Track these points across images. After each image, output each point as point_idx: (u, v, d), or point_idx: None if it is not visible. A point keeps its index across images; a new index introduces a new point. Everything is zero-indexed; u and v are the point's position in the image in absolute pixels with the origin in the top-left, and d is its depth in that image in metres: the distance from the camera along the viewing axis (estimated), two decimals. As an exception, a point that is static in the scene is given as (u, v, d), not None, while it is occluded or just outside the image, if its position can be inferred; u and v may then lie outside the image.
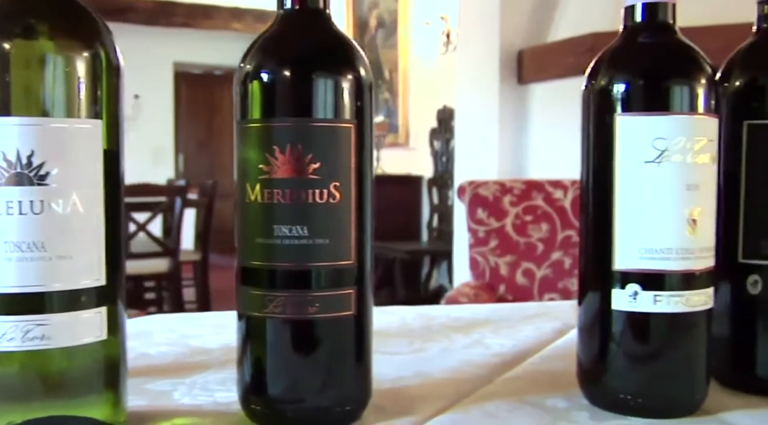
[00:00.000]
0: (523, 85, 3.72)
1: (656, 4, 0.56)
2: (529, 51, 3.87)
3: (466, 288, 2.50)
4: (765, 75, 0.61)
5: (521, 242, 2.56)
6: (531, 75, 3.70)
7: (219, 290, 4.25)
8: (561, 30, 3.69)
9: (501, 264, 2.57)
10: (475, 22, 3.89)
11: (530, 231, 2.55)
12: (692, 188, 0.54)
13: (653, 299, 0.54)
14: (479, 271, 2.58)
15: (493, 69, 3.66)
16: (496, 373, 0.66)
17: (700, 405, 0.56)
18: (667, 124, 0.53)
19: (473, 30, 3.89)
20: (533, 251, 2.53)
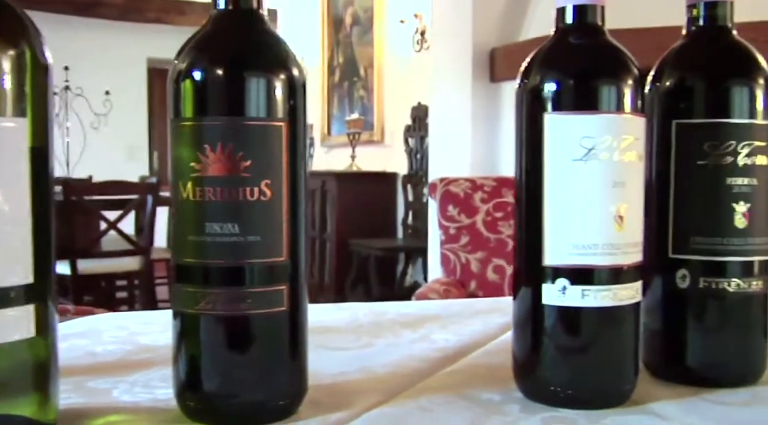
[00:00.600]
0: (495, 83, 3.74)
1: (585, 6, 0.57)
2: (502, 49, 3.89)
3: (436, 285, 2.51)
4: (693, 76, 0.63)
5: (492, 239, 2.58)
6: (503, 73, 3.72)
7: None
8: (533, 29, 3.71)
9: (472, 261, 2.59)
10: (447, 21, 3.90)
11: (501, 228, 2.57)
12: (619, 186, 0.55)
13: (581, 293, 0.55)
14: (450, 267, 2.60)
15: (466, 67, 3.68)
16: (437, 368, 0.67)
17: (629, 396, 0.58)
18: (594, 123, 0.54)
19: (446, 28, 3.90)
20: (504, 247, 2.55)
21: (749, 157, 0.61)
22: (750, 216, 0.61)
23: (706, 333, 0.63)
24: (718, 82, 0.62)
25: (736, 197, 0.61)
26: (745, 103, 0.62)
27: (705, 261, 0.61)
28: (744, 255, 0.61)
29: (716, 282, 0.61)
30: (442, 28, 3.96)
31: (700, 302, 0.62)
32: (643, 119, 0.57)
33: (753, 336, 0.63)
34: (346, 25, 5.95)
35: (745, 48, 0.63)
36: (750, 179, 0.61)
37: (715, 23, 0.64)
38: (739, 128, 0.61)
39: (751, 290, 0.62)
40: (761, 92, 0.62)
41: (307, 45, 6.50)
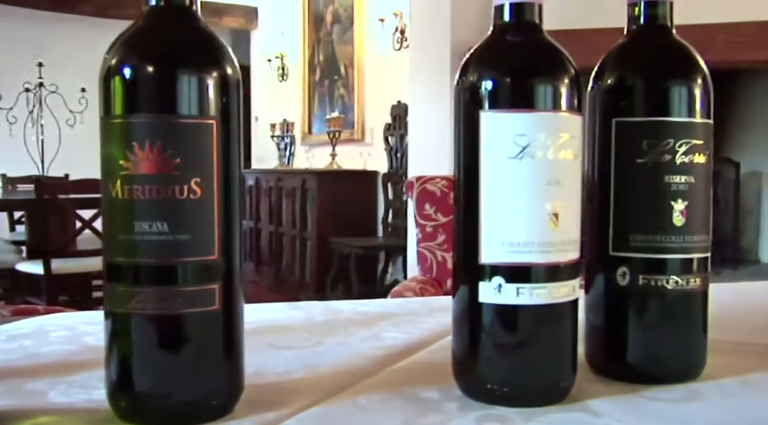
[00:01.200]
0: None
1: (523, 4, 0.57)
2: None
3: (412, 283, 2.51)
4: (633, 75, 0.63)
5: (468, 237, 2.57)
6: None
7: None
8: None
9: (448, 259, 2.59)
10: (426, 19, 3.90)
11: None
12: (553, 184, 0.55)
13: (516, 291, 0.55)
14: (427, 266, 2.60)
15: (444, 65, 3.68)
16: (381, 366, 0.67)
17: (566, 394, 0.58)
18: (528, 120, 0.54)
19: (425, 27, 3.90)
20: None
21: (687, 155, 0.61)
22: (687, 214, 0.61)
23: (645, 330, 0.63)
24: (657, 81, 0.62)
25: (674, 195, 0.61)
26: (684, 102, 0.62)
27: (644, 259, 0.62)
28: (682, 253, 0.61)
29: (655, 279, 0.61)
30: (420, 27, 3.96)
31: (640, 299, 0.62)
32: (580, 117, 0.57)
33: (692, 333, 0.64)
34: (326, 23, 5.94)
35: (684, 48, 0.63)
36: (688, 177, 0.61)
37: (655, 23, 0.64)
38: (677, 126, 0.61)
39: (690, 287, 0.62)
40: (699, 91, 0.62)
41: (288, 43, 6.48)
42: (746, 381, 0.64)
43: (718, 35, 3.13)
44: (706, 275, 0.63)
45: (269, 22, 6.89)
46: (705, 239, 0.63)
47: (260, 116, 7.08)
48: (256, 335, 0.79)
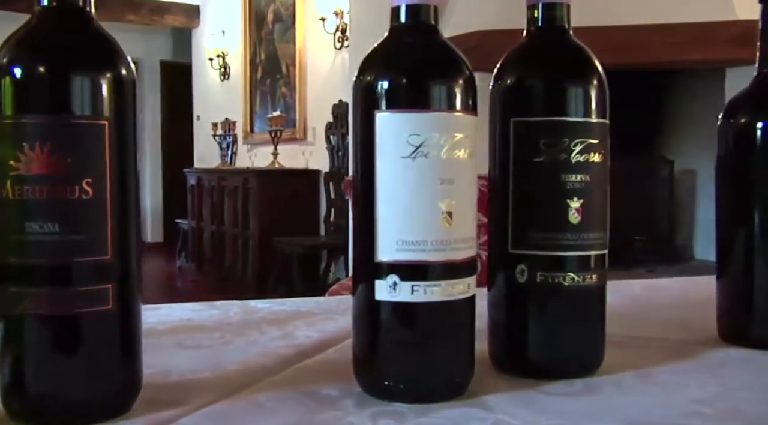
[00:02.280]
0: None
1: (419, 5, 0.58)
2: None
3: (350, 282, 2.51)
4: (530, 75, 0.65)
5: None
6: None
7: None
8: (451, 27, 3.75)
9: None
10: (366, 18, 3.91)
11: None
12: (447, 183, 0.56)
13: (411, 289, 0.56)
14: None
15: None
16: (287, 364, 0.68)
17: (463, 389, 0.59)
18: (422, 121, 0.55)
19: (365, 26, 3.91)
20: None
21: (582, 154, 0.63)
22: (583, 212, 0.63)
23: (544, 326, 0.65)
24: (553, 82, 0.64)
25: (569, 194, 0.63)
26: (580, 102, 0.64)
27: (542, 256, 0.63)
28: (578, 250, 0.63)
29: (552, 276, 0.63)
30: (361, 26, 3.97)
31: (538, 296, 0.64)
32: (474, 117, 0.58)
33: (590, 329, 0.66)
34: (268, 22, 5.91)
35: (581, 49, 0.65)
36: (583, 175, 0.63)
37: (553, 25, 0.66)
38: (573, 126, 0.63)
39: (587, 283, 0.64)
40: (595, 92, 0.64)
41: (230, 42, 6.42)
42: (643, 375, 0.66)
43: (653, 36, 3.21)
44: (603, 272, 0.65)
45: (211, 20, 6.82)
46: (601, 237, 0.65)
47: (202, 115, 7.00)
48: (167, 334, 0.79)
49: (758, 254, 0.73)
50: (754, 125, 0.73)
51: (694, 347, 0.74)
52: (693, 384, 0.63)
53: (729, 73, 3.23)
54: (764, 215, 0.72)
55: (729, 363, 0.69)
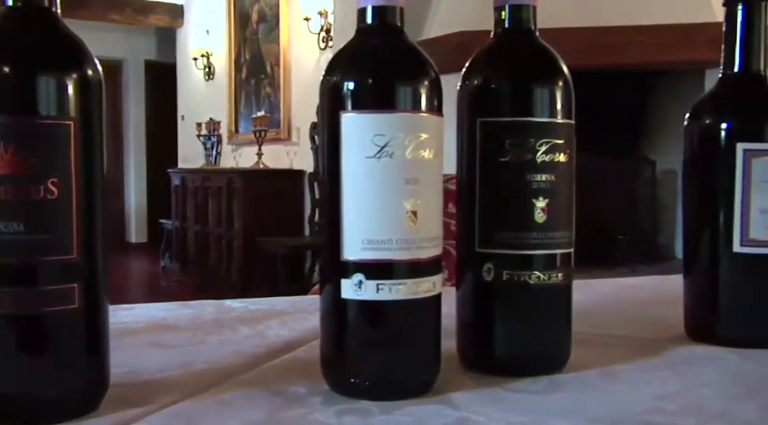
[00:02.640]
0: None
1: (385, 7, 0.59)
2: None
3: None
4: (496, 76, 0.65)
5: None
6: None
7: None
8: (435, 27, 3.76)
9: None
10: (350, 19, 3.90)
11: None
12: (411, 182, 0.57)
13: (376, 287, 0.57)
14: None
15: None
16: (257, 363, 0.68)
17: (429, 387, 0.60)
18: (386, 121, 0.56)
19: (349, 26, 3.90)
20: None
21: (547, 154, 0.63)
22: (549, 211, 0.64)
23: (510, 324, 0.65)
24: (519, 83, 0.65)
25: (535, 193, 0.63)
26: (545, 103, 0.64)
27: (508, 255, 0.64)
28: (544, 248, 0.64)
29: (518, 275, 0.64)
30: (345, 26, 3.97)
31: (504, 294, 0.64)
32: (440, 117, 0.59)
33: (555, 327, 0.67)
34: (252, 22, 5.90)
35: (547, 51, 0.66)
36: (549, 175, 0.64)
37: (519, 26, 0.66)
38: (538, 126, 0.64)
39: (552, 282, 0.65)
40: (561, 93, 0.65)
41: (214, 42, 6.41)
42: (608, 372, 0.66)
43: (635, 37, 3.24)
44: (568, 270, 0.66)
45: (195, 20, 6.80)
46: (567, 236, 0.65)
47: (186, 114, 6.98)
48: (140, 334, 0.79)
49: (722, 253, 0.74)
50: (718, 126, 0.74)
51: (661, 344, 0.75)
52: (656, 381, 0.64)
53: (708, 74, 3.27)
54: (728, 215, 0.73)
55: (693, 361, 0.70)
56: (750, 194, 0.72)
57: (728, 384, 0.63)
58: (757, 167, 0.72)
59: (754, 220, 0.73)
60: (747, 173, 0.72)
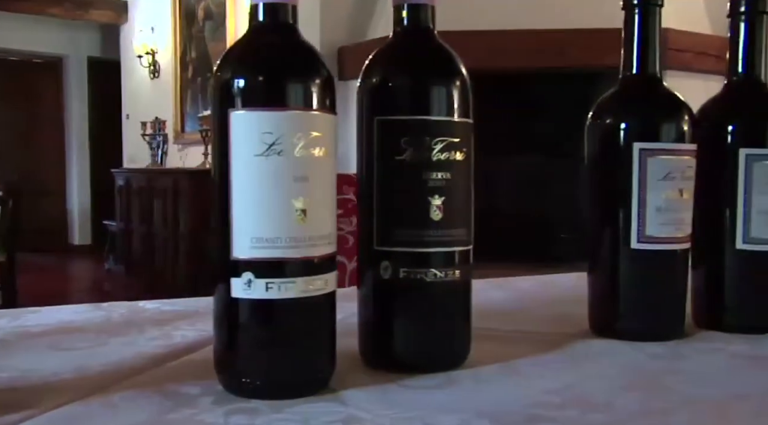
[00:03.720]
0: (344, 81, 3.77)
1: (277, 5, 0.59)
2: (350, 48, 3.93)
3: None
4: (394, 75, 0.66)
5: (331, 236, 2.59)
6: (352, 71, 3.76)
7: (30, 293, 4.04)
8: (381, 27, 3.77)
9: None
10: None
11: (341, 225, 2.59)
12: (301, 180, 0.57)
13: (266, 286, 0.56)
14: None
15: (315, 64, 3.68)
16: (156, 364, 0.67)
17: (322, 385, 0.60)
18: (274, 119, 0.56)
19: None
20: (345, 243, 2.56)
21: (444, 152, 0.64)
22: (445, 209, 0.64)
23: (408, 322, 0.66)
24: (416, 82, 0.65)
25: (431, 191, 0.64)
26: (443, 102, 0.65)
27: (405, 252, 0.64)
28: (440, 246, 0.64)
29: (415, 272, 0.64)
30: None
31: (402, 292, 0.65)
32: (332, 115, 0.59)
33: (454, 323, 0.67)
34: (198, 19, 5.83)
35: (445, 50, 0.67)
36: (445, 173, 0.64)
37: (418, 25, 0.67)
38: (435, 124, 0.64)
39: (449, 279, 0.65)
40: (458, 92, 0.65)
41: (160, 39, 6.32)
42: (506, 367, 0.67)
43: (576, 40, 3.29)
44: (467, 268, 0.67)
45: (139, 16, 6.69)
46: (465, 233, 0.66)
47: (131, 113, 6.87)
48: (41, 337, 0.78)
49: (621, 250, 0.76)
50: (617, 126, 0.76)
51: (563, 339, 0.77)
52: (550, 375, 0.65)
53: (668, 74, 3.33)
54: (626, 212, 0.75)
55: (590, 354, 0.72)
56: (646, 193, 0.74)
57: (617, 376, 0.65)
58: (653, 166, 0.74)
59: (650, 217, 0.74)
60: (643, 172, 0.74)
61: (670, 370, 0.67)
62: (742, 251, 0.80)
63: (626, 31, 0.78)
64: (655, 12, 0.77)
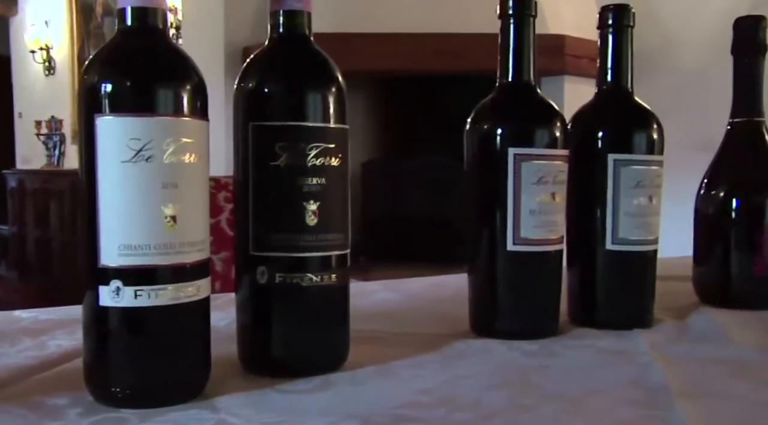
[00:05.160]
0: (247, 81, 3.72)
1: (146, 8, 0.58)
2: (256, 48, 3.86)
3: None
4: (269, 81, 0.66)
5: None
6: (256, 71, 3.70)
7: None
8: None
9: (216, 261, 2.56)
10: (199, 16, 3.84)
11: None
12: (170, 187, 0.56)
13: (134, 293, 0.56)
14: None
15: (218, 65, 3.63)
16: (25, 376, 0.65)
17: (195, 392, 0.59)
18: (142, 125, 0.55)
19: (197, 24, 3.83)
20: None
21: (319, 158, 0.65)
22: (320, 214, 0.65)
23: (285, 326, 0.66)
24: (291, 88, 0.66)
25: (306, 196, 0.64)
26: (318, 108, 0.66)
27: (281, 257, 0.65)
28: (316, 251, 0.65)
29: (291, 277, 0.65)
30: (193, 25, 3.89)
31: (279, 296, 0.65)
32: (204, 122, 0.59)
33: (331, 327, 0.68)
34: (96, 14, 5.65)
35: (320, 56, 0.67)
36: (320, 179, 0.65)
37: (294, 32, 0.67)
38: (310, 130, 0.65)
39: (326, 283, 0.66)
40: (333, 98, 0.66)
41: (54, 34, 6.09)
42: (383, 369, 0.68)
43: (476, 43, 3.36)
44: (344, 272, 0.68)
45: (31, 9, 6.42)
46: (341, 238, 0.67)
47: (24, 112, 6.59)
48: None
49: (498, 251, 0.78)
50: (493, 132, 0.78)
51: (443, 339, 0.78)
52: (424, 375, 0.66)
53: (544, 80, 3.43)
54: (503, 215, 0.77)
55: (467, 354, 0.74)
56: (520, 196, 0.77)
57: (489, 374, 0.67)
58: (527, 171, 0.77)
59: (524, 220, 0.77)
60: (518, 176, 0.77)
61: (540, 367, 0.70)
62: (611, 252, 0.84)
63: (502, 40, 0.80)
64: (530, 22, 0.80)
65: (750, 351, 0.76)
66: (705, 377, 0.68)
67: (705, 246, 1.02)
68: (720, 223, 1.00)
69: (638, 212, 0.83)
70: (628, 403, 0.60)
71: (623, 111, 0.87)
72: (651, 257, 0.86)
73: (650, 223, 0.84)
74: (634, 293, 0.86)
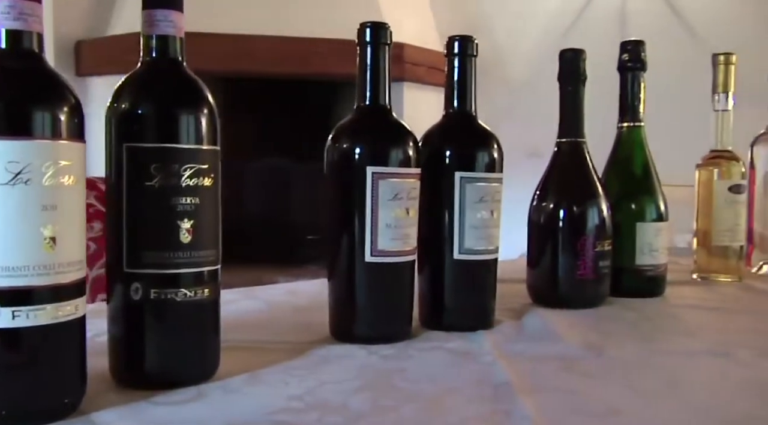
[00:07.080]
0: (82, 77, 3.59)
1: (21, 31, 0.59)
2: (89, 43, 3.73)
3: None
4: (142, 103, 0.68)
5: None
6: (91, 68, 3.59)
7: None
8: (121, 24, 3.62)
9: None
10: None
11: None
12: (50, 209, 0.57)
13: (12, 314, 0.56)
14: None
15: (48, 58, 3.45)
16: None
17: (72, 409, 0.61)
18: (20, 148, 0.56)
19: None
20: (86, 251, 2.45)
21: (192, 178, 0.68)
22: (194, 232, 0.68)
23: (159, 340, 0.68)
24: (165, 110, 0.68)
25: (180, 215, 0.67)
26: (191, 130, 0.68)
27: (155, 274, 0.67)
28: (190, 267, 0.68)
29: (165, 293, 0.67)
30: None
31: (153, 312, 0.67)
32: (82, 144, 0.60)
33: (203, 339, 0.71)
34: None
35: (192, 80, 0.70)
36: (194, 198, 0.68)
37: (166, 55, 0.70)
38: (183, 152, 0.67)
39: (199, 298, 0.69)
40: (205, 121, 0.69)
41: None
42: (253, 377, 0.72)
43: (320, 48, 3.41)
44: (215, 285, 0.71)
45: None
46: (214, 254, 0.70)
47: None
48: None
49: (357, 261, 0.84)
50: (353, 151, 0.84)
51: (306, 346, 0.83)
52: (293, 382, 0.71)
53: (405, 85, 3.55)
54: (361, 228, 0.84)
55: (330, 359, 0.79)
56: (378, 211, 0.83)
57: (352, 378, 0.73)
58: (383, 188, 0.83)
59: (381, 233, 0.84)
60: (375, 193, 0.83)
61: (398, 369, 0.76)
62: (457, 261, 0.92)
63: (360, 67, 0.87)
64: (385, 50, 0.86)
65: (575, 348, 0.87)
66: (540, 372, 0.77)
67: (537, 252, 1.14)
68: (549, 231, 1.12)
69: (481, 225, 0.92)
70: (479, 400, 0.67)
71: (468, 133, 0.96)
72: (492, 265, 0.95)
73: (491, 234, 0.94)
74: (477, 298, 0.95)
